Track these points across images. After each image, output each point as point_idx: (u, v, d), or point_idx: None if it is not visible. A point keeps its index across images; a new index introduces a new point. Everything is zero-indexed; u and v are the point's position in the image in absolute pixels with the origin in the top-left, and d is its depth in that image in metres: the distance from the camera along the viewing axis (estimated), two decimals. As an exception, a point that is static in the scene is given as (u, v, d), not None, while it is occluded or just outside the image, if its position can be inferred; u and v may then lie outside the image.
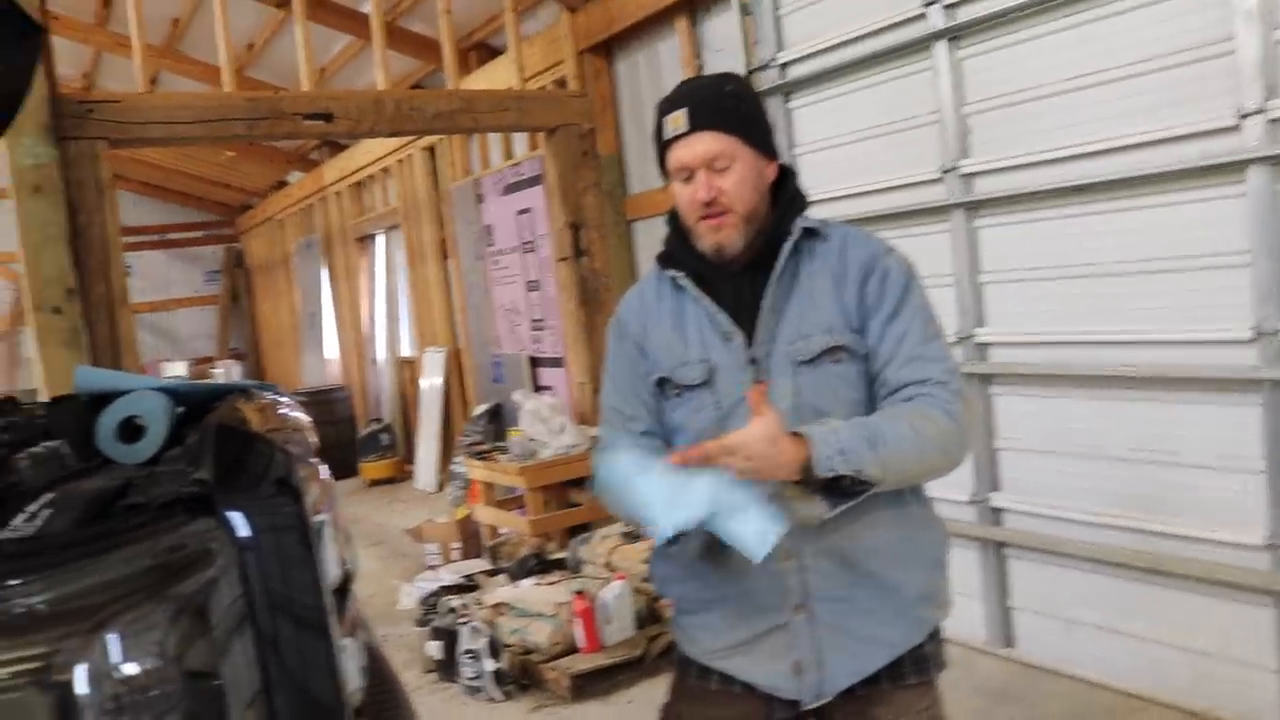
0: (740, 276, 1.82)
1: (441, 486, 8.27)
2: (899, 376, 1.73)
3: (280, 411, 1.60)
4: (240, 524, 1.26)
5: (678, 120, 1.77)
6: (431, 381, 8.62)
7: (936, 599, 1.86)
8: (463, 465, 7.13)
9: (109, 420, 1.46)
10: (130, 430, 1.46)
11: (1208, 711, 3.29)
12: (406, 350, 9.67)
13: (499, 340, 7.35)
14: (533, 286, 6.75)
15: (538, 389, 6.79)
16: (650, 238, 5.78)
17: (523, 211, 6.67)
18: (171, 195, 13.88)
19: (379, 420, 9.73)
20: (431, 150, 8.02)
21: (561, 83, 5.97)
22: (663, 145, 1.82)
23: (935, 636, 1.87)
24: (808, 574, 1.75)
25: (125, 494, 1.27)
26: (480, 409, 7.50)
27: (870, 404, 1.77)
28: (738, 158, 1.76)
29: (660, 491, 1.61)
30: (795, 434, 1.60)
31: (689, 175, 1.78)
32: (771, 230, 1.81)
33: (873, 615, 1.78)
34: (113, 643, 1.07)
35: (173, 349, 13.93)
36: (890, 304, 1.76)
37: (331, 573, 1.44)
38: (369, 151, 8.85)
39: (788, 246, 1.79)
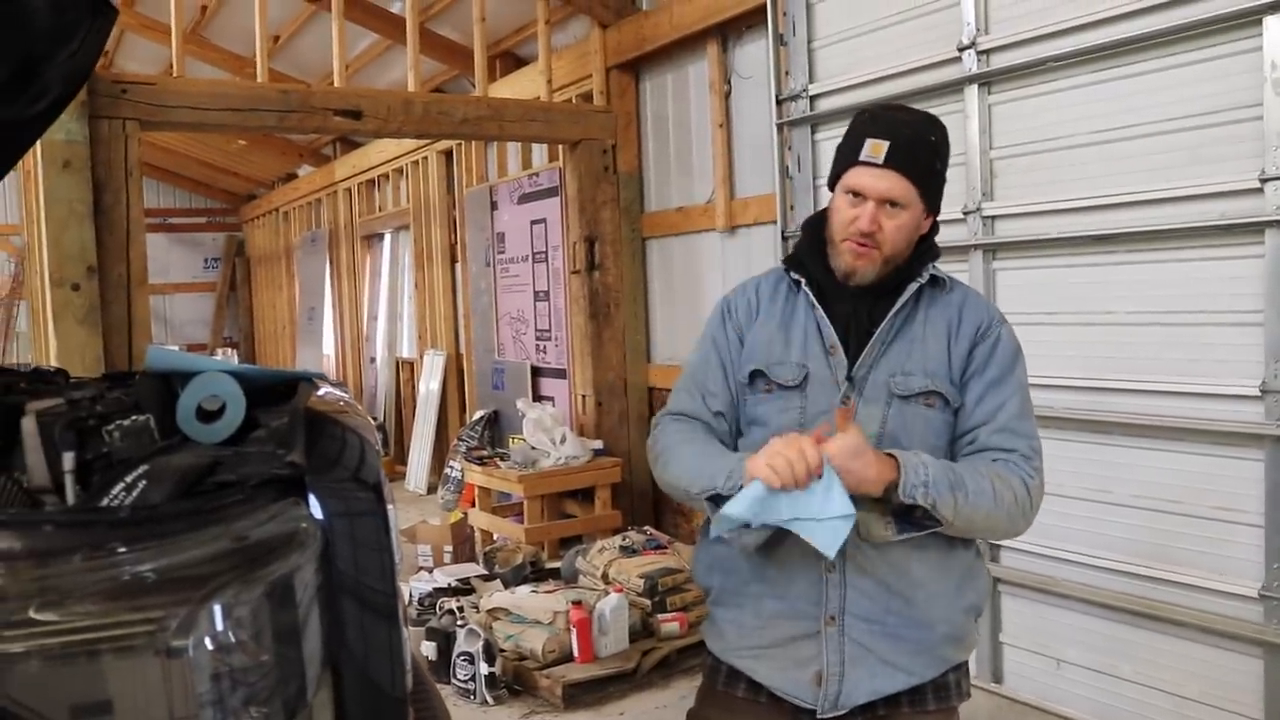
0: (858, 298, 1.88)
1: (432, 489, 8.29)
2: (989, 441, 1.80)
3: (345, 400, 1.64)
4: (327, 508, 1.30)
5: (878, 149, 1.80)
6: (429, 384, 8.63)
7: (963, 642, 1.91)
8: (458, 469, 7.16)
9: (189, 399, 1.50)
10: (205, 410, 1.51)
11: (1192, 758, 3.36)
12: (406, 351, 9.69)
13: (502, 348, 7.38)
14: (541, 297, 6.79)
15: (538, 398, 6.83)
16: (663, 256, 5.84)
17: (536, 222, 6.72)
18: (179, 180, 13.91)
19: (373, 419, 9.71)
20: (448, 154, 8.07)
21: (587, 97, 6.03)
22: (850, 160, 1.85)
23: (960, 668, 1.92)
24: (847, 589, 1.80)
25: (214, 471, 1.31)
26: (478, 414, 7.53)
27: (947, 455, 1.82)
28: (910, 206, 1.82)
29: (751, 490, 1.64)
30: (889, 454, 1.68)
31: (861, 199, 1.82)
32: (902, 267, 1.87)
33: (899, 642, 1.82)
34: (218, 613, 1.11)
35: (166, 333, 13.92)
36: (996, 370, 1.84)
37: (398, 561, 1.49)
38: (383, 151, 8.88)
39: (913, 287, 1.86)
